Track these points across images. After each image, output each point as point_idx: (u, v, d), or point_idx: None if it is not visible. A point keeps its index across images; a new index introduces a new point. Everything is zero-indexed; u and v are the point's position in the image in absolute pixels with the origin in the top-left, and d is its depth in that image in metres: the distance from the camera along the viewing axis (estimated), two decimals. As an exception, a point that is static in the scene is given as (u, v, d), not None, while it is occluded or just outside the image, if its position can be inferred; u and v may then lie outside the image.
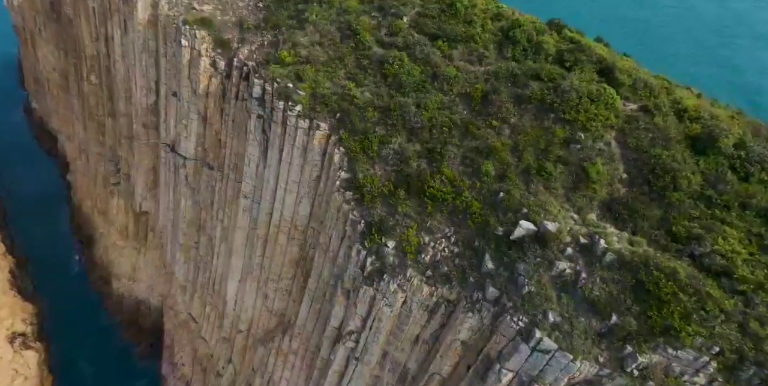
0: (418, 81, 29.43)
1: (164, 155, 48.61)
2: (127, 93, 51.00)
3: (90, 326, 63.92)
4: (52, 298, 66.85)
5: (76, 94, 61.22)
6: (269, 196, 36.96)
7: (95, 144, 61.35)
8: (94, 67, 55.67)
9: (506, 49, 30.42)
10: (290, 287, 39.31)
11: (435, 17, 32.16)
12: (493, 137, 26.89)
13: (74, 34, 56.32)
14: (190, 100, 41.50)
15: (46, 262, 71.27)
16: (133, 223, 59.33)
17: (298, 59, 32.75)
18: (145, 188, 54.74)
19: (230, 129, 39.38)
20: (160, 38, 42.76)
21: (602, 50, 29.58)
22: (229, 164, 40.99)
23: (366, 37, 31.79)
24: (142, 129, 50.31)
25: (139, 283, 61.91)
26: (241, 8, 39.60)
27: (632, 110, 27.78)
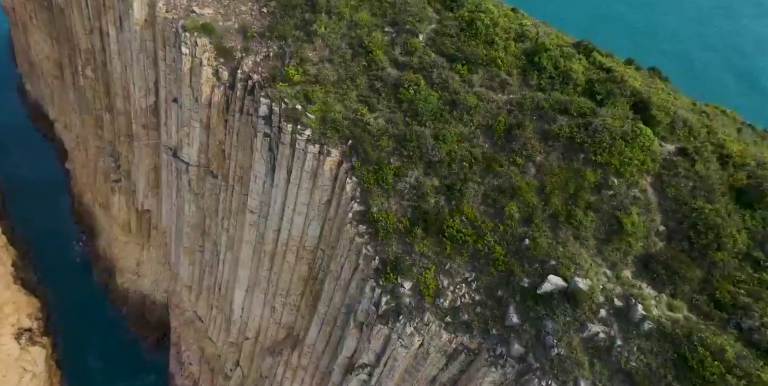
0: (435, 109, 27.63)
1: (166, 158, 46.98)
2: (125, 91, 48.89)
3: (96, 319, 63.66)
4: (57, 290, 66.35)
5: (72, 86, 58.99)
6: (277, 214, 35.69)
7: (93, 138, 59.47)
8: (89, 60, 53.26)
9: (531, 75, 28.41)
10: (299, 303, 38.51)
11: (453, 36, 29.98)
12: (517, 176, 25.33)
13: (67, 24, 53.71)
14: (191, 108, 39.66)
15: (49, 251, 70.47)
16: (135, 219, 58.14)
17: (306, 78, 30.84)
18: (146, 187, 53.27)
19: (235, 141, 37.72)
20: (159, 41, 40.51)
21: (635, 80, 27.53)
22: (234, 176, 39.51)
23: (379, 56, 29.80)
24: (141, 130, 48.47)
25: (144, 278, 61.24)
26: (244, 13, 37.27)
27: (670, 152, 26.01)
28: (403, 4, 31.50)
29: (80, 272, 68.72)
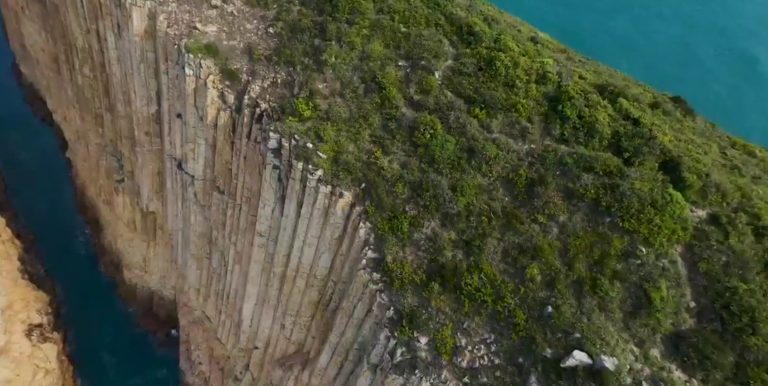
0: (452, 156, 26.62)
1: (170, 167, 46.01)
2: (125, 96, 47.31)
3: (105, 312, 64.04)
4: (64, 283, 66.48)
5: (69, 82, 57.12)
6: (286, 241, 35.17)
7: (94, 135, 58.11)
8: (86, 59, 51.32)
9: (553, 124, 27.15)
10: (309, 324, 38.50)
11: (471, 75, 28.53)
12: (539, 235, 24.60)
13: (62, 21, 51.45)
14: (196, 126, 38.51)
15: (54, 243, 70.16)
16: (140, 219, 57.55)
17: (317, 114, 29.65)
18: (151, 191, 52.44)
19: (242, 164, 36.73)
20: (160, 54, 38.89)
21: (664, 134, 26.19)
22: (242, 196, 38.71)
23: (392, 93, 28.51)
24: (144, 137, 47.24)
25: (151, 275, 61.21)
26: (249, 32, 35.52)
27: (701, 219, 24.95)
28: (417, 36, 29.86)
29: (86, 264, 68.60)
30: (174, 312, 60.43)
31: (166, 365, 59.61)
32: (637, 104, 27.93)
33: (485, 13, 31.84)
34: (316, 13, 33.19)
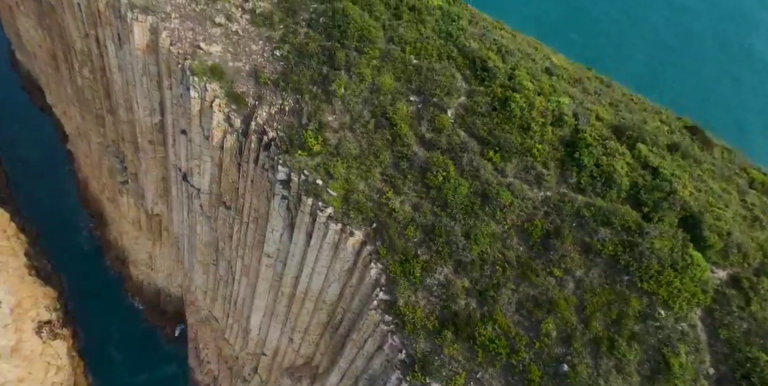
0: (466, 201, 26.17)
1: (174, 176, 45.43)
2: (127, 103, 46.35)
3: (113, 307, 64.75)
4: (71, 277, 66.83)
5: (68, 81, 55.84)
6: (295, 266, 35.12)
7: (95, 134, 57.23)
8: (86, 62, 49.97)
9: (570, 171, 26.48)
10: (318, 341, 38.81)
11: (485, 115, 27.71)
12: (555, 289, 24.39)
13: (59, 22, 49.74)
14: (201, 144, 37.84)
15: (59, 236, 70.29)
16: (145, 219, 57.35)
17: (326, 149, 29.02)
18: (156, 195, 52.05)
19: (249, 186, 36.23)
20: (163, 70, 37.75)
21: (684, 187, 25.51)
22: (249, 215, 38.34)
23: (404, 130, 27.83)
24: (147, 145, 46.49)
25: (158, 272, 61.39)
26: (255, 53, 34.40)
27: (722, 281, 24.61)
28: (429, 69, 28.88)
29: (92, 258, 68.86)
30: (182, 308, 60.94)
31: (176, 360, 60.58)
32: (656, 149, 27.15)
33: (498, 42, 30.73)
34: (324, 38, 32.04)
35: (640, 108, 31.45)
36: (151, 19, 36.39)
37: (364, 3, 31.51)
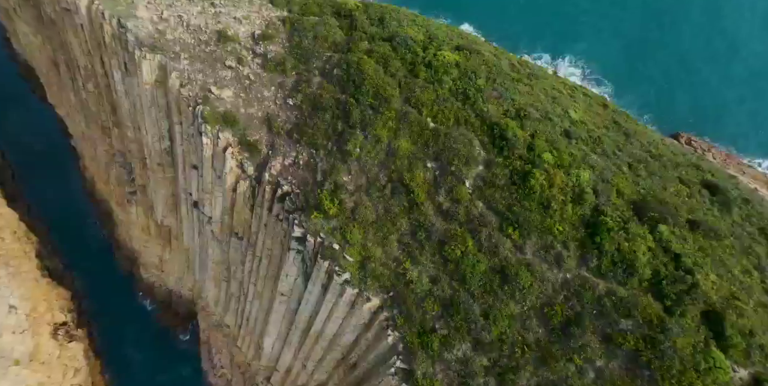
0: (484, 279, 26.45)
1: (184, 197, 45.45)
2: (135, 124, 45.68)
3: (126, 306, 65.94)
4: (83, 275, 67.69)
5: (71, 90, 54.78)
6: (309, 308, 35.63)
7: (101, 142, 56.77)
8: (90, 77, 48.89)
9: (590, 254, 26.48)
10: (332, 372, 39.87)
11: (503, 189, 27.52)
12: (575, 377, 24.99)
13: (61, 37, 48.34)
14: (213, 182, 37.68)
15: (68, 233, 70.70)
16: (155, 226, 57.61)
17: (343, 213, 29.12)
18: (165, 209, 52.17)
19: (263, 228, 36.32)
20: (173, 108, 37.16)
21: (706, 277, 25.57)
22: (262, 251, 38.62)
23: (421, 198, 27.84)
24: (156, 166, 46.38)
25: (169, 275, 62.26)
26: (267, 100, 33.88)
27: (743, 380, 24.93)
28: (446, 135, 28.47)
29: (102, 255, 69.58)
30: (194, 310, 62.20)
31: (190, 361, 62.26)
32: (677, 230, 27.02)
33: (516, 102, 30.03)
34: (338, 90, 31.45)
35: (658, 162, 30.90)
36: (160, 58, 35.58)
37: (379, 57, 30.74)
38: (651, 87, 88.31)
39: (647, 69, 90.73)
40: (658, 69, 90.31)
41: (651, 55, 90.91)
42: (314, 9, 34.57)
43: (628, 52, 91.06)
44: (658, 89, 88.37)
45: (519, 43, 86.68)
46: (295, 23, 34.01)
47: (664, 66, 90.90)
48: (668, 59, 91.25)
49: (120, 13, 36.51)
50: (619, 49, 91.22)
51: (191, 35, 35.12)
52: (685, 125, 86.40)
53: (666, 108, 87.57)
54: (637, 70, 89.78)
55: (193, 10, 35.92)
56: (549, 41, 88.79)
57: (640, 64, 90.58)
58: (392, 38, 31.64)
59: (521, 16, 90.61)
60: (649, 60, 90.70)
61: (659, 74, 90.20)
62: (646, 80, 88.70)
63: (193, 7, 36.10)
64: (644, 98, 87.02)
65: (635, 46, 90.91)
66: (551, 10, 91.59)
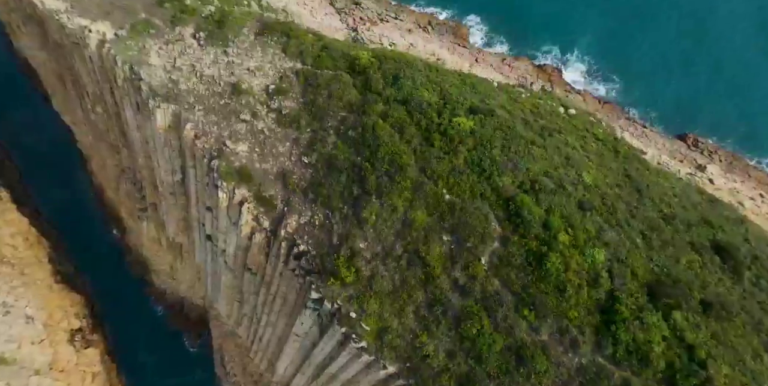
0: (501, 359, 27.60)
1: (197, 226, 46.31)
2: (146, 154, 45.98)
3: (139, 309, 67.68)
4: (95, 278, 69.11)
5: (79, 106, 54.70)
6: (325, 354, 36.95)
7: (110, 157, 57.13)
8: (99, 101, 48.84)
9: (605, 341, 27.30)
10: (345, 403, 41.64)
11: (519, 269, 28.26)
12: None
13: (68, 60, 47.97)
14: (228, 227, 38.41)
15: (78, 236, 71.78)
16: (165, 240, 58.65)
17: (360, 281, 30.08)
18: (177, 229, 53.10)
19: (277, 276, 37.26)
20: (187, 154, 37.56)
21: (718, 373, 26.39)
22: (276, 291, 39.70)
23: (437, 272, 28.75)
24: (169, 195, 46.94)
25: (180, 283, 63.80)
26: (282, 156, 34.34)
27: None
28: (462, 209, 29.06)
29: (114, 258, 70.90)
30: (206, 316, 64.03)
31: (203, 365, 64.50)
32: (691, 315, 27.86)
33: (531, 171, 30.41)
34: (353, 152, 31.87)
35: (670, 226, 31.41)
36: (174, 108, 35.71)
37: (395, 121, 30.97)
38: (658, 84, 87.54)
39: (655, 65, 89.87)
40: (666, 65, 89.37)
41: (660, 51, 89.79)
42: (328, 62, 34.45)
43: (636, 46, 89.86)
44: (665, 86, 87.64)
45: (527, 35, 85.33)
46: (309, 78, 34.02)
47: (672, 62, 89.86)
48: (677, 55, 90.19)
49: (132, 60, 36.41)
50: (628, 43, 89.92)
51: (205, 86, 35.17)
52: (693, 123, 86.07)
53: (673, 106, 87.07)
54: (645, 65, 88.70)
55: (206, 59, 35.81)
56: (557, 33, 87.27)
57: (648, 59, 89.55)
58: (407, 101, 31.75)
59: (528, 6, 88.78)
60: (658, 56, 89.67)
61: (667, 70, 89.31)
62: (654, 77, 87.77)
63: (206, 56, 35.97)
64: (652, 95, 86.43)
65: (644, 40, 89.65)
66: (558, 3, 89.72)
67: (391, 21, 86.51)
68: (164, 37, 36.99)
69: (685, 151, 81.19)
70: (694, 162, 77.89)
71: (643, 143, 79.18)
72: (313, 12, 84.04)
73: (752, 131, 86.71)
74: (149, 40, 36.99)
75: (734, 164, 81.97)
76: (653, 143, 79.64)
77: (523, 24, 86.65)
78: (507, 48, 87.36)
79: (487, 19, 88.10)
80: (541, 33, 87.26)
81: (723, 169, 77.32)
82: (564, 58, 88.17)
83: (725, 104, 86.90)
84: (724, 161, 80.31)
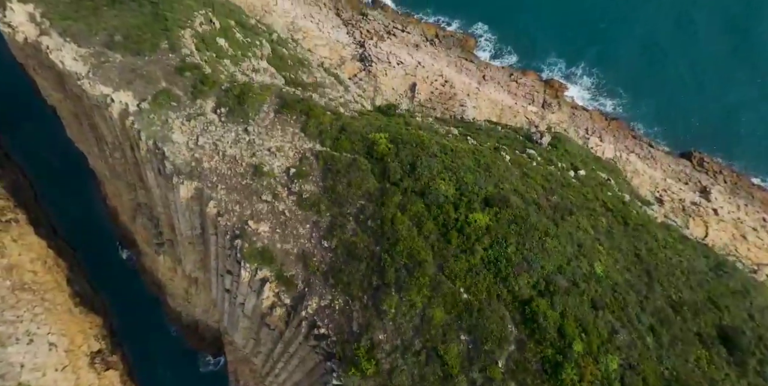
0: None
1: (215, 272, 47.91)
2: (166, 208, 47.24)
3: (155, 328, 69.83)
4: (110, 297, 71.24)
5: (96, 147, 55.58)
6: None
7: (127, 193, 58.31)
8: (117, 149, 49.85)
9: None
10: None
11: (535, 375, 30.06)
12: None
13: (86, 110, 48.79)
14: (248, 296, 39.96)
15: (93, 254, 73.58)
16: (182, 272, 60.38)
17: (380, 375, 31.93)
18: (195, 266, 54.71)
19: (295, 344, 38.96)
20: (208, 225, 38.83)
21: None
22: (294, 355, 41.54)
23: (455, 371, 30.62)
24: (188, 244, 48.41)
25: (195, 307, 65.82)
26: (303, 237, 35.79)
27: None
28: (479, 311, 30.55)
29: (129, 277, 72.78)
30: (221, 338, 66.34)
31: (219, 384, 67.08)
32: None
33: (546, 269, 31.81)
34: (372, 241, 33.31)
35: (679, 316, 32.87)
36: (197, 184, 36.89)
37: (413, 214, 32.23)
38: (665, 98, 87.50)
39: (662, 80, 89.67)
40: (673, 80, 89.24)
41: (666, 66, 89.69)
42: (346, 145, 35.45)
43: (643, 61, 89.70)
44: (672, 102, 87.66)
45: (534, 46, 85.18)
46: (328, 162, 35.11)
47: (679, 77, 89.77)
48: (683, 70, 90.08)
49: (156, 135, 37.45)
50: (634, 57, 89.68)
51: (227, 166, 36.32)
52: (699, 140, 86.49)
53: (680, 121, 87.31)
54: (651, 80, 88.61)
55: (227, 137, 36.83)
56: (563, 44, 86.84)
57: (655, 74, 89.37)
58: (424, 193, 32.94)
59: (535, 17, 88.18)
60: (664, 71, 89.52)
61: (674, 84, 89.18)
62: (661, 90, 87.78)
63: (228, 134, 36.98)
64: (658, 110, 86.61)
65: (651, 55, 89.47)
66: (566, 13, 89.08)
67: (399, 35, 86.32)
68: (186, 111, 37.91)
69: (690, 171, 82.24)
70: (698, 184, 79.09)
71: (649, 165, 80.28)
72: (320, 25, 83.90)
73: (759, 148, 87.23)
74: (171, 113, 37.92)
75: (738, 184, 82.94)
76: (659, 164, 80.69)
77: (530, 34, 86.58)
78: (515, 59, 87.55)
79: (494, 29, 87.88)
80: (547, 44, 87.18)
81: (727, 190, 78.45)
82: (570, 70, 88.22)
83: (733, 120, 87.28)
84: (728, 182, 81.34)
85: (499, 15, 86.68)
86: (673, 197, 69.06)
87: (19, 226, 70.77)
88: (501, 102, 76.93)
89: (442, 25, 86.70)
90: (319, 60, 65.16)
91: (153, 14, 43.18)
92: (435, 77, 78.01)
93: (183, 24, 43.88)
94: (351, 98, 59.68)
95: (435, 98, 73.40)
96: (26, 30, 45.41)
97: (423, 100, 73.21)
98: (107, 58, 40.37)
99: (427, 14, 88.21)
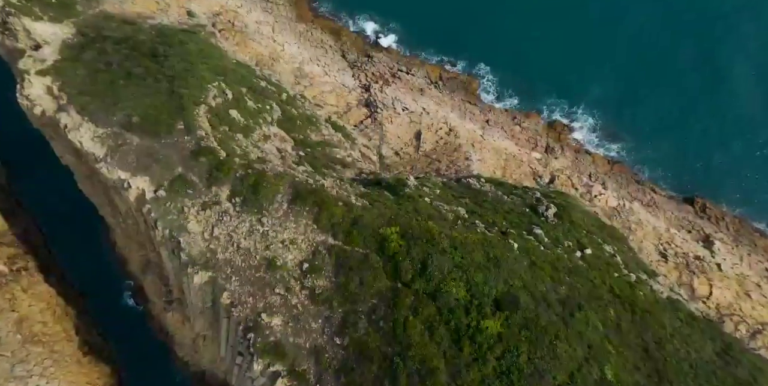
0: None
1: (226, 343, 48.42)
2: (178, 284, 47.71)
3: (162, 375, 70.08)
4: (119, 344, 71.60)
5: (108, 206, 56.14)
6: None
7: (137, 250, 58.93)
8: (130, 216, 50.45)
9: None
10: None
11: None
12: None
13: (100, 180, 49.35)
14: (260, 377, 40.46)
15: (101, 300, 73.82)
16: (191, 328, 60.86)
17: None
18: (204, 327, 55.19)
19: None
20: (222, 311, 39.40)
21: None
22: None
23: None
24: (198, 314, 48.89)
25: (203, 357, 66.24)
26: (315, 332, 36.48)
27: None
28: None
29: (138, 322, 73.07)
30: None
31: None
32: None
33: (558, 380, 32.36)
34: (384, 342, 33.90)
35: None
36: (211, 274, 37.47)
37: (424, 318, 32.77)
38: (669, 141, 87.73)
39: (666, 121, 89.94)
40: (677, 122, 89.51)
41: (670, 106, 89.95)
42: (358, 240, 36.12)
43: (646, 101, 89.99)
44: (675, 144, 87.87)
45: (535, 87, 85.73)
46: (340, 257, 35.73)
47: (683, 119, 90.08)
48: (688, 111, 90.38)
49: (172, 225, 38.05)
50: (637, 97, 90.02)
51: (242, 258, 36.92)
52: (701, 185, 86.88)
53: (683, 165, 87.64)
54: (655, 122, 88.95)
55: (242, 228, 37.45)
56: (565, 85, 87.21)
57: (659, 115, 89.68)
58: (435, 297, 33.57)
59: (536, 57, 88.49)
60: (668, 111, 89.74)
61: (678, 128, 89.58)
62: (665, 134, 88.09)
63: (242, 225, 37.60)
64: (661, 154, 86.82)
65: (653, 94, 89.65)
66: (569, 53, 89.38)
67: (403, 77, 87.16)
68: (201, 199, 38.56)
69: (693, 218, 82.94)
70: (701, 232, 79.71)
71: (652, 213, 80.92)
72: (326, 69, 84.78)
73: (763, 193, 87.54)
74: (187, 200, 38.55)
75: (741, 231, 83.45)
76: (662, 212, 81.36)
77: (531, 76, 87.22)
78: (517, 101, 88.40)
79: (495, 70, 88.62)
80: (548, 85, 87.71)
81: (730, 239, 78.96)
82: (571, 111, 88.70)
83: (736, 164, 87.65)
84: (730, 230, 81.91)
85: (499, 56, 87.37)
86: (677, 250, 69.51)
87: (29, 274, 71.36)
88: (505, 151, 77.57)
89: (445, 66, 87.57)
90: (326, 114, 65.86)
91: (168, 92, 43.84)
92: (440, 125, 78.72)
93: (197, 100, 44.53)
94: (357, 155, 60.46)
95: (440, 149, 74.12)
96: (44, 104, 46.14)
97: (428, 150, 73.92)
98: (124, 141, 41.03)
99: (430, 54, 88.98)
